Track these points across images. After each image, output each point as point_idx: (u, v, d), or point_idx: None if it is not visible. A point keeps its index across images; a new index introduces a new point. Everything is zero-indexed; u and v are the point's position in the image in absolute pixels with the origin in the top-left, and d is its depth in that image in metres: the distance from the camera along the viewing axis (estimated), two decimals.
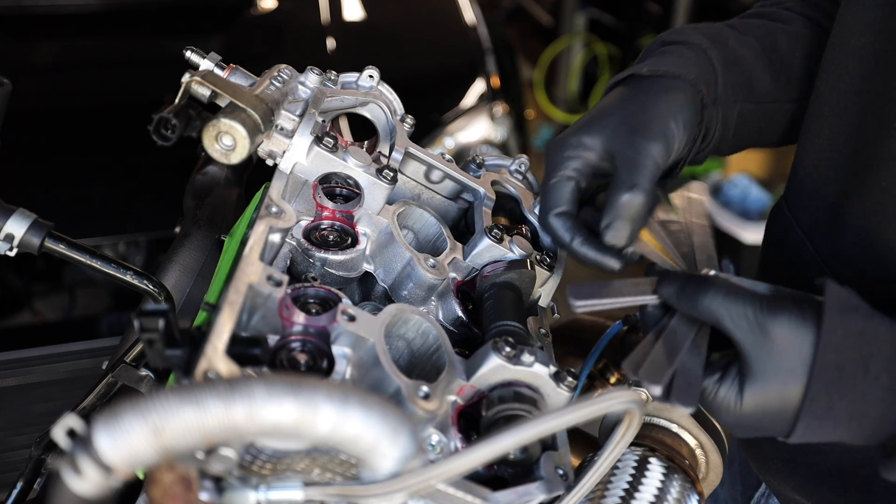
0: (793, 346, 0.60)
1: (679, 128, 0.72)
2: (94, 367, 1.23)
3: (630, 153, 0.69)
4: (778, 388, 0.61)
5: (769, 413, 0.62)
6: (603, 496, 0.70)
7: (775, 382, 0.61)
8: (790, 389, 0.61)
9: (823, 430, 0.61)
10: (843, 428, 0.61)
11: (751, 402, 0.62)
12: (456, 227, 0.93)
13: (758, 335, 0.61)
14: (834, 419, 0.60)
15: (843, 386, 0.59)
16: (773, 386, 0.61)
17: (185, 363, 0.56)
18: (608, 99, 0.77)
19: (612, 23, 4.34)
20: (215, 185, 1.11)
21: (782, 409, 0.62)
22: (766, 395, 0.61)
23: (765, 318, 0.61)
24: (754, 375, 0.61)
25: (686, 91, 0.75)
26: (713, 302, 0.62)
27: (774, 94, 0.85)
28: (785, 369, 0.60)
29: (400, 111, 0.92)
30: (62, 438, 0.48)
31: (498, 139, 2.24)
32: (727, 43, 0.82)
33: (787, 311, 0.61)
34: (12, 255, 0.89)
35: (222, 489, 0.54)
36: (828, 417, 0.60)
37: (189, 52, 0.82)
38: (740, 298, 0.62)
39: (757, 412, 0.62)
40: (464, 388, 0.69)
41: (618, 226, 0.68)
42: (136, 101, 1.88)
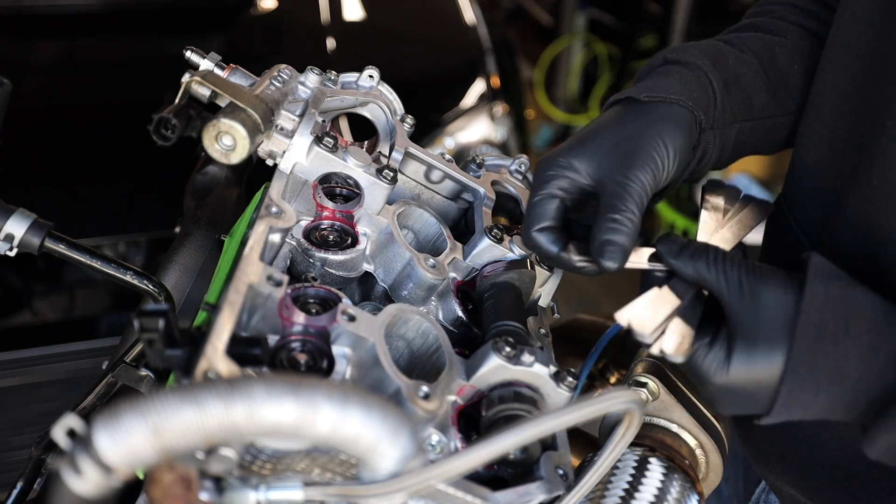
0: (778, 309, 0.63)
1: (669, 156, 0.73)
2: (94, 367, 1.24)
3: (619, 179, 0.71)
4: (764, 350, 0.63)
5: (754, 378, 0.64)
6: (603, 496, 0.70)
7: (761, 344, 0.63)
8: (774, 352, 0.63)
9: (805, 395, 0.63)
10: (824, 394, 0.62)
11: (738, 364, 0.64)
12: (456, 227, 0.93)
13: (747, 298, 0.64)
14: (817, 382, 0.62)
15: (825, 346, 0.61)
16: (759, 348, 0.63)
17: (185, 363, 0.57)
18: (602, 120, 0.77)
19: (612, 23, 4.34)
20: (215, 185, 1.11)
21: (768, 374, 0.63)
22: (753, 356, 0.63)
23: (754, 281, 0.64)
24: (742, 337, 0.64)
25: (681, 116, 0.75)
26: (706, 263, 0.66)
27: (772, 109, 0.86)
28: (770, 331, 0.63)
29: (400, 111, 0.92)
30: (62, 438, 0.48)
31: (498, 139, 2.24)
32: (727, 62, 0.82)
33: (775, 276, 0.64)
34: (12, 255, 0.89)
35: (222, 489, 0.54)
36: (810, 381, 0.62)
37: (189, 52, 0.82)
38: (733, 263, 0.65)
39: (742, 378, 0.64)
40: (464, 388, 0.69)
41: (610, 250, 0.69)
42: (136, 101, 1.88)
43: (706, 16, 3.52)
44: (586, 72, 4.63)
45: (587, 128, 0.76)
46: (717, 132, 0.80)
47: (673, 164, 0.73)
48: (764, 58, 0.85)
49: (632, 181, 0.70)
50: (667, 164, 0.73)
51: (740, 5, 3.60)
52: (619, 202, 0.70)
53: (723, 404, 0.67)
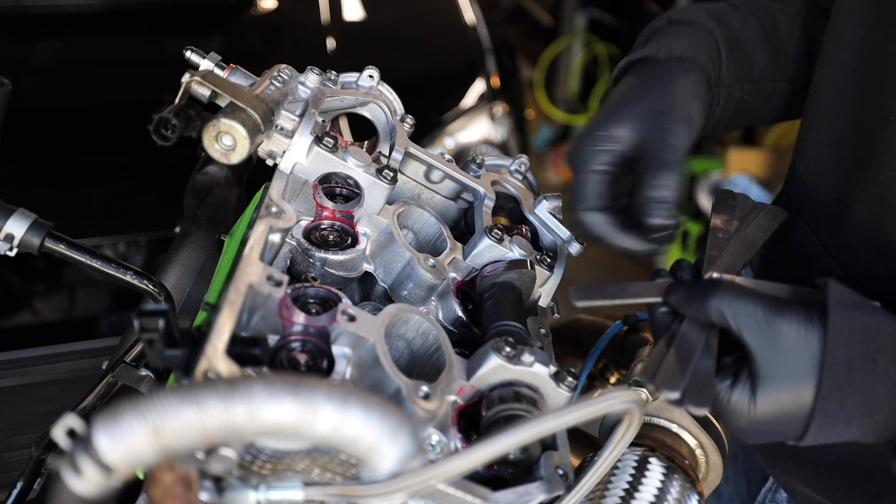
0: (801, 345, 0.60)
1: (699, 110, 0.73)
2: (94, 367, 1.23)
3: (660, 136, 0.70)
4: (790, 388, 0.61)
5: (783, 414, 0.62)
6: (603, 496, 0.70)
7: (787, 382, 0.61)
8: (802, 389, 0.61)
9: (836, 428, 0.61)
10: (854, 425, 0.61)
11: (764, 404, 0.62)
12: (456, 227, 0.93)
13: (766, 335, 0.61)
14: (846, 417, 0.60)
15: (853, 381, 0.59)
16: (784, 386, 0.61)
17: (185, 363, 0.56)
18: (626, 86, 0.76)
19: (612, 23, 4.33)
20: (215, 185, 1.11)
21: (795, 409, 0.61)
22: (778, 395, 0.61)
23: (772, 317, 0.61)
24: (765, 377, 0.61)
25: (700, 72, 0.75)
26: (720, 304, 0.62)
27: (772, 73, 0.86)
28: (795, 368, 0.61)
29: (400, 111, 0.92)
30: (62, 438, 0.48)
31: (498, 139, 2.24)
32: (730, 23, 0.83)
33: (794, 310, 0.61)
34: (12, 255, 0.89)
35: (222, 489, 0.54)
36: (840, 415, 0.60)
37: (189, 52, 0.82)
38: (748, 299, 0.62)
39: (770, 414, 0.62)
40: (464, 388, 0.69)
41: (659, 207, 0.68)
42: (136, 101, 1.88)
43: None
44: (586, 72, 4.63)
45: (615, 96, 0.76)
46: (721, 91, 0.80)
47: (702, 119, 0.73)
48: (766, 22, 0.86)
49: (674, 134, 0.69)
50: (699, 119, 0.73)
51: None
52: (661, 159, 0.69)
53: (751, 437, 0.65)
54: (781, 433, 0.64)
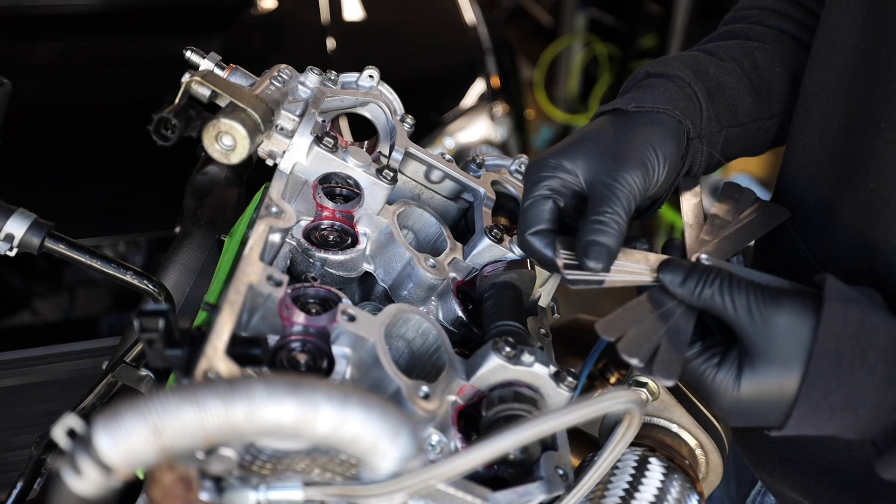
0: (793, 333, 0.61)
1: (659, 160, 0.73)
2: (94, 367, 1.23)
3: (608, 181, 0.70)
4: (776, 373, 0.62)
5: (766, 399, 0.63)
6: (603, 496, 0.70)
7: (774, 367, 0.62)
8: (788, 375, 0.62)
9: (818, 419, 0.62)
10: (837, 418, 0.62)
11: (748, 386, 0.63)
12: (456, 227, 0.93)
13: (759, 322, 0.62)
14: (830, 408, 0.61)
15: (840, 374, 0.60)
16: (771, 370, 0.62)
17: (185, 363, 0.56)
18: (591, 126, 0.77)
19: (612, 23, 4.33)
20: (215, 185, 1.11)
21: (779, 395, 0.62)
22: (764, 379, 0.62)
23: (766, 306, 0.62)
24: (753, 360, 0.63)
25: (669, 125, 0.75)
26: (716, 292, 0.64)
27: (757, 113, 0.86)
28: (784, 354, 0.62)
29: (400, 111, 0.92)
30: (62, 438, 0.48)
31: (498, 139, 2.24)
32: (709, 71, 0.82)
33: (789, 299, 0.63)
34: (12, 255, 0.89)
35: (222, 489, 0.54)
36: (823, 406, 0.61)
37: (189, 52, 0.82)
38: (742, 288, 0.63)
39: (754, 398, 0.63)
40: (464, 388, 0.69)
41: (595, 250, 0.68)
42: (136, 101, 1.88)
43: (706, 16, 3.51)
44: (586, 72, 4.63)
45: (578, 132, 0.76)
46: (704, 140, 0.80)
47: (663, 169, 0.73)
48: (745, 63, 0.85)
49: (620, 183, 0.69)
50: (657, 169, 0.72)
51: None
52: (605, 203, 0.69)
53: (732, 419, 0.66)
54: (763, 418, 0.65)
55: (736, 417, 0.66)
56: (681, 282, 0.66)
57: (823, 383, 0.61)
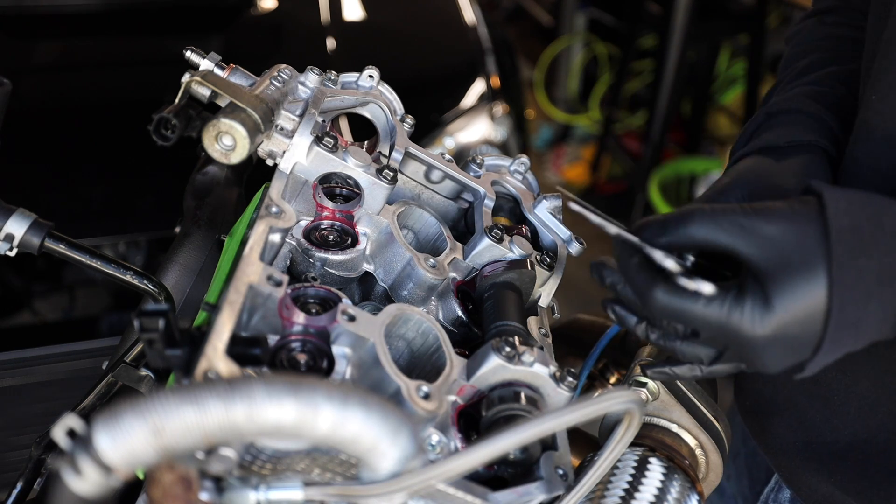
0: (800, 231, 0.58)
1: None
2: (94, 367, 1.23)
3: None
4: (803, 276, 0.57)
5: (800, 312, 0.58)
6: (603, 496, 0.70)
7: (798, 272, 0.57)
8: (815, 273, 0.57)
9: (857, 308, 0.57)
10: (875, 302, 0.57)
11: (780, 303, 0.58)
12: (456, 227, 0.93)
13: (760, 238, 0.58)
14: (866, 289, 0.57)
15: (865, 245, 0.57)
16: (797, 276, 0.57)
17: (185, 363, 0.57)
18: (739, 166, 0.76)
19: (612, 23, 4.33)
20: (215, 185, 1.11)
21: (813, 301, 0.57)
22: (792, 289, 0.57)
23: (758, 219, 0.58)
24: (773, 276, 0.58)
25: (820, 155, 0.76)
26: (701, 225, 0.59)
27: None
28: (801, 254, 0.57)
29: (400, 111, 0.92)
30: (62, 438, 0.48)
31: (498, 139, 2.24)
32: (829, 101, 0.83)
33: (776, 206, 0.59)
34: (12, 255, 0.89)
35: (222, 489, 0.54)
36: (859, 287, 0.57)
37: (189, 52, 0.82)
38: (725, 213, 0.59)
39: (788, 317, 0.58)
40: (464, 388, 0.69)
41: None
42: (136, 101, 1.88)
43: (706, 16, 3.51)
44: (586, 72, 4.63)
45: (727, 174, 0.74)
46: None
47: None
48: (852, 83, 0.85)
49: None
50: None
51: (740, 5, 3.60)
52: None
53: (770, 358, 0.60)
54: (801, 339, 0.59)
55: (774, 353, 0.60)
56: (660, 231, 0.62)
57: (852, 262, 0.56)
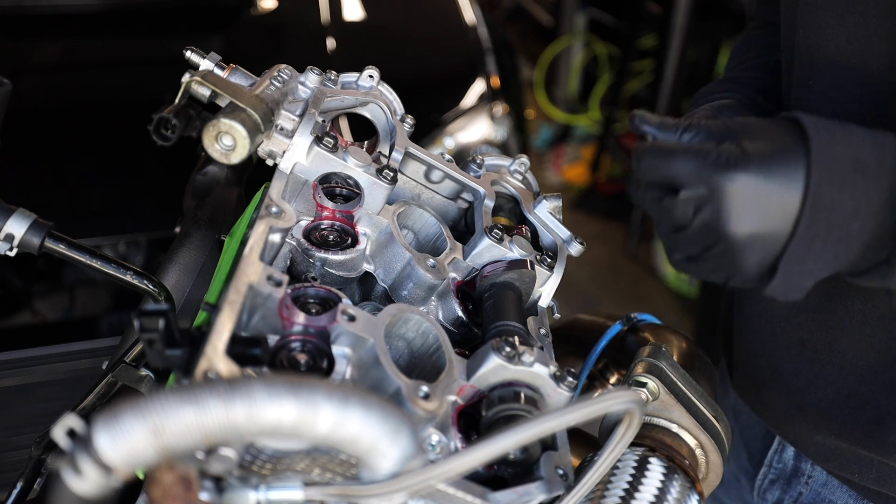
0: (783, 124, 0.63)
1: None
2: (94, 367, 1.23)
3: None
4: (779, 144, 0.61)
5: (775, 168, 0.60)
6: (603, 496, 0.70)
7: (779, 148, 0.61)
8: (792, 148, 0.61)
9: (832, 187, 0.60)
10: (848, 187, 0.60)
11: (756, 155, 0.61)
12: (456, 227, 0.93)
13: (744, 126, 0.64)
14: (841, 170, 0.60)
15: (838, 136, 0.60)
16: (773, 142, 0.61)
17: (185, 363, 0.57)
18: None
19: (612, 23, 4.33)
20: (215, 185, 1.11)
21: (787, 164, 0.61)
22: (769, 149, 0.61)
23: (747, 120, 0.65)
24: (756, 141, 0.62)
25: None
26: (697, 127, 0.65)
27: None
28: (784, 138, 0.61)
29: (400, 111, 0.92)
30: (62, 438, 0.48)
31: (498, 139, 2.24)
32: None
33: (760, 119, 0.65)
34: (12, 255, 0.89)
35: (222, 489, 0.54)
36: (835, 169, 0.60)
37: (189, 52, 0.82)
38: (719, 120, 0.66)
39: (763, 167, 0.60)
40: (464, 388, 0.69)
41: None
42: (136, 101, 1.88)
43: (706, 16, 3.51)
44: (586, 72, 4.63)
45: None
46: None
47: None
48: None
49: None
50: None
51: (740, 5, 3.60)
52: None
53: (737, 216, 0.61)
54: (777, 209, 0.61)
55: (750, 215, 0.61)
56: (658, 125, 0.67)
57: (829, 147, 0.60)
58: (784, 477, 1.04)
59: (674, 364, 0.79)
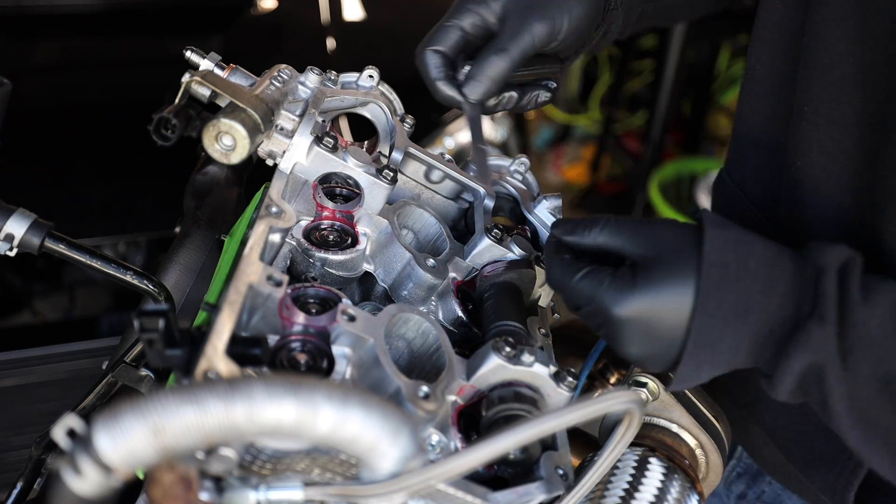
0: (680, 251, 0.65)
1: (569, 23, 0.78)
2: (94, 367, 1.23)
3: (516, 24, 0.76)
4: (670, 284, 0.64)
5: (661, 302, 0.64)
6: (603, 496, 0.70)
7: (666, 269, 0.64)
8: (682, 286, 0.63)
9: (714, 333, 0.63)
10: (731, 330, 0.63)
11: (643, 287, 0.64)
12: (456, 227, 0.93)
13: (644, 238, 0.66)
14: (724, 317, 0.63)
15: (728, 282, 0.63)
16: (664, 271, 0.64)
17: (185, 363, 0.57)
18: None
19: None
20: (215, 185, 1.11)
21: (674, 309, 0.64)
22: (658, 280, 0.64)
23: (651, 229, 0.67)
24: (645, 265, 0.65)
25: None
26: (601, 229, 0.69)
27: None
28: (676, 267, 0.64)
29: (400, 111, 0.92)
30: (62, 438, 0.48)
31: (498, 139, 2.24)
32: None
33: (670, 222, 0.68)
34: (12, 255, 0.89)
35: (222, 489, 0.54)
36: (718, 315, 0.63)
37: (189, 52, 0.82)
38: (626, 222, 0.68)
39: (648, 299, 0.64)
40: (464, 388, 0.69)
41: (476, 81, 0.76)
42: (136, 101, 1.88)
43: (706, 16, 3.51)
44: (586, 72, 4.62)
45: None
46: (622, 12, 0.87)
47: (570, 29, 0.79)
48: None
49: (527, 29, 0.76)
50: (565, 27, 0.78)
51: (740, 5, 3.60)
52: (508, 42, 0.75)
53: (629, 339, 0.66)
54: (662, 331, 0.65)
55: (633, 333, 0.65)
56: (570, 230, 0.71)
57: (715, 293, 0.63)
58: (750, 473, 1.05)
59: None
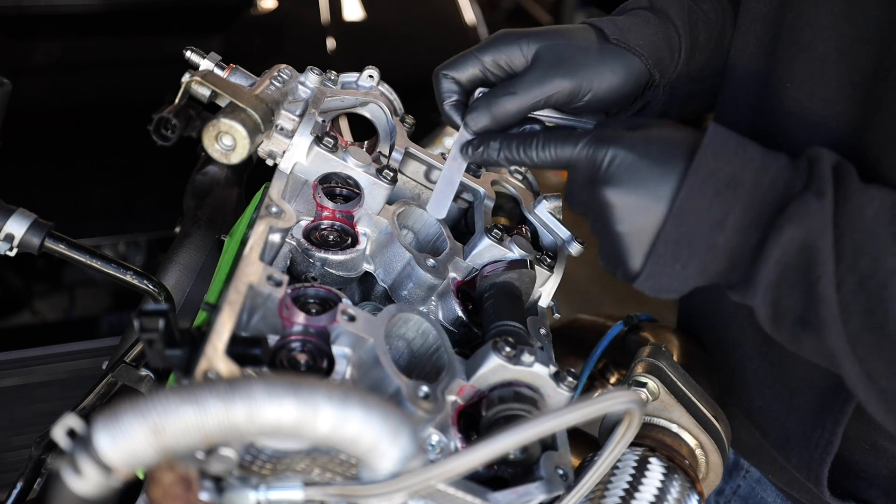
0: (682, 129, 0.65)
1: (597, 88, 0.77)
2: (94, 367, 1.24)
3: (539, 74, 0.75)
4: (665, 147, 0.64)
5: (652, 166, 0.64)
6: (603, 496, 0.70)
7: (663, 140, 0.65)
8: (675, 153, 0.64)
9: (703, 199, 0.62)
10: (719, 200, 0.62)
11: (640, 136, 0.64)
12: (456, 227, 0.93)
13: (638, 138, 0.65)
14: (714, 187, 0.62)
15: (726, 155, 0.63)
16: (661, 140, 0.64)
17: (185, 363, 0.57)
18: (570, 27, 0.80)
19: None
20: (215, 185, 1.11)
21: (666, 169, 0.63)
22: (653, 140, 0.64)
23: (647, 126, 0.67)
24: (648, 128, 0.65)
25: (635, 68, 0.79)
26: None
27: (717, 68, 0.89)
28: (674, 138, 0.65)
29: (400, 111, 0.92)
30: (62, 438, 0.48)
31: None
32: (697, 25, 0.85)
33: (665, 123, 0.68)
34: (12, 255, 0.89)
35: (222, 489, 0.54)
36: (710, 182, 0.62)
37: (189, 52, 0.82)
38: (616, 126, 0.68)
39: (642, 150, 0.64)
40: (464, 388, 0.69)
41: (479, 113, 0.75)
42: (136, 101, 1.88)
43: None
44: None
45: (557, 27, 0.80)
46: (666, 90, 0.84)
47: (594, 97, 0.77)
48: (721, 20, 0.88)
49: (547, 86, 0.74)
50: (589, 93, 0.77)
51: None
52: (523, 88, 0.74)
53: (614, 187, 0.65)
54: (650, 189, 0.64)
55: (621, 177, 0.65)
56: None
57: (712, 161, 0.62)
58: (727, 467, 1.05)
59: (674, 364, 0.79)
